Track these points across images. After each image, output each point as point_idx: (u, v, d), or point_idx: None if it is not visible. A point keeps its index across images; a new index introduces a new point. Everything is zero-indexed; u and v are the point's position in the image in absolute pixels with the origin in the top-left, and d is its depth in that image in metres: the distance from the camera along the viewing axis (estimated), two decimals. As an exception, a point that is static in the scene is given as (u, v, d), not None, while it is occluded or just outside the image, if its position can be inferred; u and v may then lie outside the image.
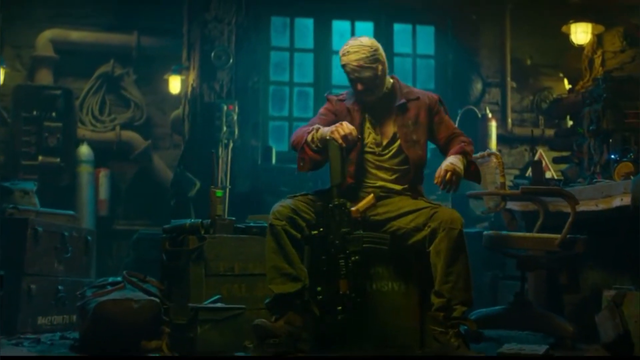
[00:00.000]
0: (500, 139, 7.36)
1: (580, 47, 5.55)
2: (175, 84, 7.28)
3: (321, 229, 3.29)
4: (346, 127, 3.32)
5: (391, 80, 3.60)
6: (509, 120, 7.68)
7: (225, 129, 6.26)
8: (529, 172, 6.99)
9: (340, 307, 3.24)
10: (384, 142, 3.55)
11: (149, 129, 7.72)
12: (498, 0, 7.48)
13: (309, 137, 3.39)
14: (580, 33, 5.56)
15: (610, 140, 4.33)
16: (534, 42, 7.73)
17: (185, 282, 3.68)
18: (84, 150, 7.31)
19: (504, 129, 7.60)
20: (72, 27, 7.48)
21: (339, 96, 3.64)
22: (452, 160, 3.37)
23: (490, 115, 7.31)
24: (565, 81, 6.43)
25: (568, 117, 5.79)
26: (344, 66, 3.45)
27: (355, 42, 3.44)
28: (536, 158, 7.03)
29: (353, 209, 3.33)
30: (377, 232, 3.42)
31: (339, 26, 7.43)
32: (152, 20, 7.43)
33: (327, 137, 3.33)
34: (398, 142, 3.53)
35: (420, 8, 7.44)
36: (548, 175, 6.37)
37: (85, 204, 7.26)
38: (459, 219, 3.30)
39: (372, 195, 3.40)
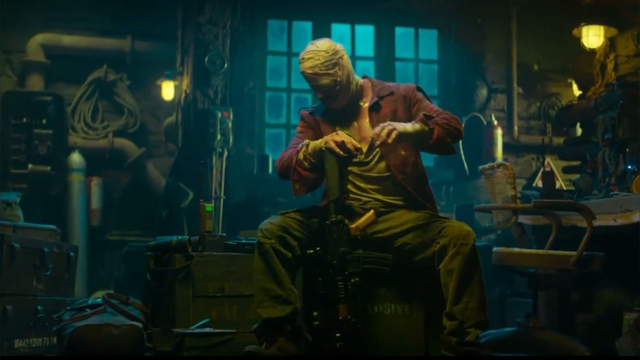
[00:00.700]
0: (506, 147, 7.22)
1: (592, 51, 5.34)
2: (168, 90, 7.13)
3: (317, 249, 3.06)
4: (342, 135, 3.11)
5: (361, 82, 3.35)
6: (516, 128, 7.54)
7: (219, 136, 6.12)
8: (536, 182, 6.87)
9: (338, 334, 2.99)
10: (364, 149, 3.28)
11: (143, 136, 7.62)
12: (504, 2, 7.37)
13: (301, 155, 3.16)
14: (592, 36, 5.36)
15: (627, 150, 4.19)
16: (541, 46, 7.57)
17: (171, 304, 3.50)
18: (76, 158, 7.20)
19: (510, 137, 7.46)
20: (63, 31, 7.37)
21: (310, 109, 3.42)
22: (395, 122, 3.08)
23: (495, 122, 7.19)
24: (575, 87, 6.26)
25: (578, 124, 5.60)
26: (302, 74, 3.23)
27: (311, 48, 3.20)
28: (545, 167, 6.87)
29: (352, 226, 3.10)
30: (378, 251, 3.17)
31: (339, 30, 7.27)
32: (147, 24, 7.34)
33: (322, 148, 3.09)
34: None
35: (422, 11, 7.32)
36: (557, 185, 6.18)
37: (77, 213, 7.15)
38: (471, 234, 3.06)
39: (372, 211, 3.16)
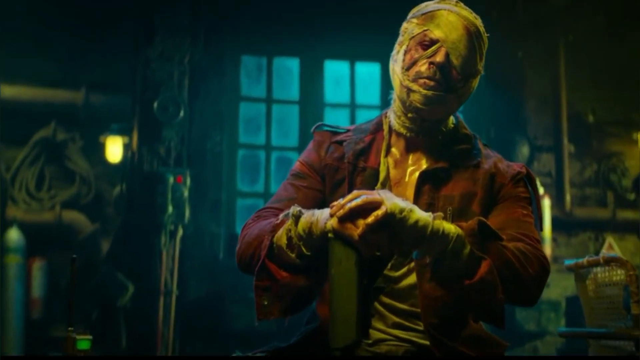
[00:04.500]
0: (555, 222, 6.50)
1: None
2: (114, 149, 6.27)
3: None
4: (369, 202, 1.58)
5: (453, 122, 1.97)
6: (567, 198, 6.78)
7: (171, 209, 5.53)
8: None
9: None
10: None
11: (98, 208, 6.93)
12: (550, 31, 6.59)
13: (282, 237, 1.69)
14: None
15: None
16: (598, 90, 6.86)
17: None
18: (13, 235, 6.51)
19: (561, 210, 6.72)
20: (4, 81, 6.76)
21: (336, 134, 1.96)
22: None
23: (541, 190, 6.42)
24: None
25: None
26: (433, 17, 1.90)
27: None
28: (605, 248, 6.20)
29: None
30: None
31: (334, 69, 6.70)
32: (104, 73, 6.74)
33: (327, 231, 1.61)
34: None
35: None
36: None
37: (12, 304, 6.52)
38: None
39: None
